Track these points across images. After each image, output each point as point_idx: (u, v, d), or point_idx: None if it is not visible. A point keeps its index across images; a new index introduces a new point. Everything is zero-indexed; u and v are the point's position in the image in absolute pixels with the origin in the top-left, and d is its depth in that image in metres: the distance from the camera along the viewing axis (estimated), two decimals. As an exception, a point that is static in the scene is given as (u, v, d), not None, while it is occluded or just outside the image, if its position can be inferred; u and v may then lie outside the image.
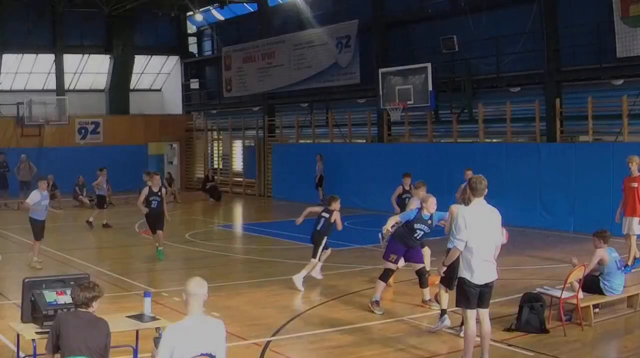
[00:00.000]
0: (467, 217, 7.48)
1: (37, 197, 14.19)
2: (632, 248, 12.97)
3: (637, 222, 12.93)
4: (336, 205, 12.29)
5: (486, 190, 7.61)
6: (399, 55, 24.49)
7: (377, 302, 10.37)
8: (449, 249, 7.70)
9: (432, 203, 10.30)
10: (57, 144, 31.36)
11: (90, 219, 20.10)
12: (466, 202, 8.61)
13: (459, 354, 7.87)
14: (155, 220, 15.14)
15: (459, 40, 21.56)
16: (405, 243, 10.54)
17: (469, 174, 14.26)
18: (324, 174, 25.99)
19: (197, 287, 5.46)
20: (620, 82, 18.49)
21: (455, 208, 8.96)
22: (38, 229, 14.34)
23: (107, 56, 34.46)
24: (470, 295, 7.50)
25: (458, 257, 7.59)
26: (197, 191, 30.83)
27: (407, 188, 15.80)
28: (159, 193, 15.14)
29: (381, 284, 10.46)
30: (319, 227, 12.35)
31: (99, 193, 21.00)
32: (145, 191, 15.06)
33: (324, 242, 12.37)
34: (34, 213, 14.28)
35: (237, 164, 33.13)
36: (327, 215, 12.30)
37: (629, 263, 12.69)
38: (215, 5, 32.32)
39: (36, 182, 14.81)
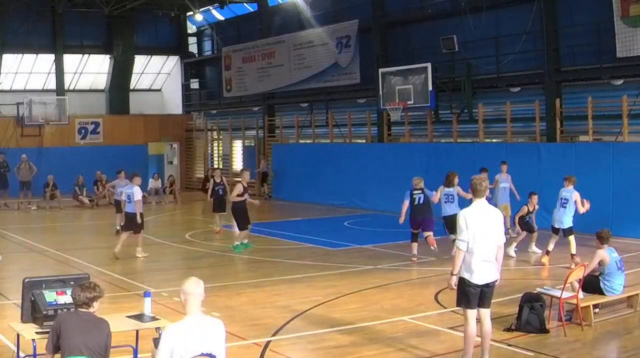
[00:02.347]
0: (467, 218, 7.48)
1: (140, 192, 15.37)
2: None
3: None
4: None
5: (487, 191, 7.61)
6: (399, 55, 24.49)
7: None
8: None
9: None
10: (57, 144, 31.37)
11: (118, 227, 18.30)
12: None
13: (458, 354, 7.86)
14: (246, 214, 16.07)
15: (459, 40, 21.56)
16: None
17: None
18: (268, 171, 28.66)
19: (194, 286, 5.47)
20: (620, 82, 18.49)
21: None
22: (136, 221, 15.18)
23: (107, 56, 34.47)
24: (471, 295, 7.49)
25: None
26: (197, 191, 30.83)
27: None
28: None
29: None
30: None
31: (118, 198, 18.32)
32: (240, 188, 15.99)
33: None
34: (131, 206, 15.21)
35: (237, 164, 33.11)
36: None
37: None
38: (215, 5, 32.32)
39: (132, 178, 15.64)
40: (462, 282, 7.55)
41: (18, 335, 6.80)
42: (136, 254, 15.24)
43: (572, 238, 13.91)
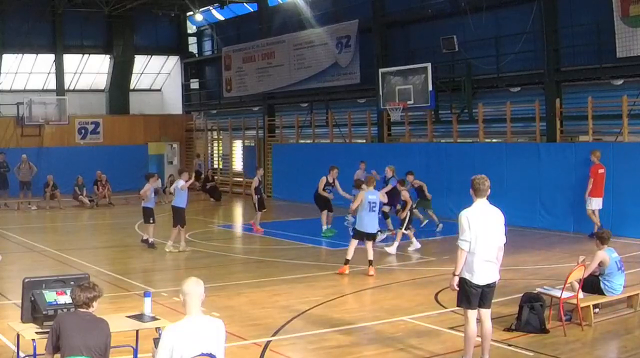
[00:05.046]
0: (470, 218, 7.46)
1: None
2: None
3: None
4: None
5: (489, 190, 7.57)
6: (399, 55, 24.48)
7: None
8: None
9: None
10: (57, 144, 31.37)
11: (151, 240, 16.67)
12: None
13: (458, 354, 7.87)
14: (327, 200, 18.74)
15: (459, 40, 21.54)
16: None
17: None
18: (202, 170, 30.70)
19: (193, 286, 5.46)
20: (620, 82, 18.47)
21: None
22: (180, 216, 16.09)
23: (107, 56, 34.46)
24: (471, 296, 7.48)
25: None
26: (197, 191, 30.81)
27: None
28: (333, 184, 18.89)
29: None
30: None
31: (147, 205, 16.85)
32: (324, 180, 18.60)
33: None
34: (177, 200, 16.15)
35: (237, 164, 33.13)
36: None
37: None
38: (215, 5, 32.32)
39: (181, 174, 16.62)
40: (463, 282, 7.53)
41: (18, 335, 6.80)
42: (166, 248, 15.88)
43: (371, 243, 13.45)
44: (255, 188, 19.21)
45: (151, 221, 16.55)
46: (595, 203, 16.94)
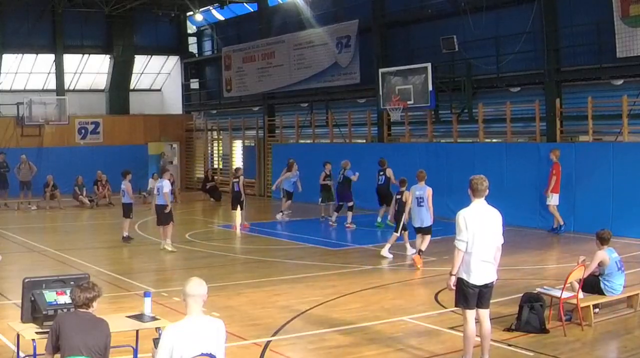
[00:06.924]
0: (467, 218, 7.46)
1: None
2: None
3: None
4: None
5: (487, 191, 7.57)
6: (399, 55, 24.48)
7: None
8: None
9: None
10: (57, 144, 31.37)
11: (125, 234, 17.59)
12: None
13: (458, 354, 7.87)
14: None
15: (459, 40, 21.53)
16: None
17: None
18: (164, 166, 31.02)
19: (195, 287, 5.46)
20: (620, 82, 18.48)
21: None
22: (170, 214, 16.40)
23: (107, 56, 34.46)
24: (469, 296, 7.48)
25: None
26: (197, 191, 30.83)
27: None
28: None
29: None
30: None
31: (126, 201, 17.74)
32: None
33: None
34: (160, 198, 16.36)
35: (237, 164, 33.06)
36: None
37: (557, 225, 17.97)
38: (215, 5, 32.33)
39: (163, 173, 17.08)
40: (460, 282, 7.53)
41: (18, 335, 6.80)
42: (167, 248, 16.02)
43: (429, 237, 14.12)
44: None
45: (131, 216, 17.77)
46: (555, 199, 17.89)
